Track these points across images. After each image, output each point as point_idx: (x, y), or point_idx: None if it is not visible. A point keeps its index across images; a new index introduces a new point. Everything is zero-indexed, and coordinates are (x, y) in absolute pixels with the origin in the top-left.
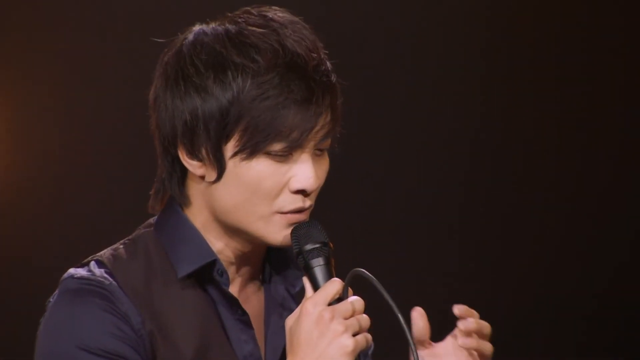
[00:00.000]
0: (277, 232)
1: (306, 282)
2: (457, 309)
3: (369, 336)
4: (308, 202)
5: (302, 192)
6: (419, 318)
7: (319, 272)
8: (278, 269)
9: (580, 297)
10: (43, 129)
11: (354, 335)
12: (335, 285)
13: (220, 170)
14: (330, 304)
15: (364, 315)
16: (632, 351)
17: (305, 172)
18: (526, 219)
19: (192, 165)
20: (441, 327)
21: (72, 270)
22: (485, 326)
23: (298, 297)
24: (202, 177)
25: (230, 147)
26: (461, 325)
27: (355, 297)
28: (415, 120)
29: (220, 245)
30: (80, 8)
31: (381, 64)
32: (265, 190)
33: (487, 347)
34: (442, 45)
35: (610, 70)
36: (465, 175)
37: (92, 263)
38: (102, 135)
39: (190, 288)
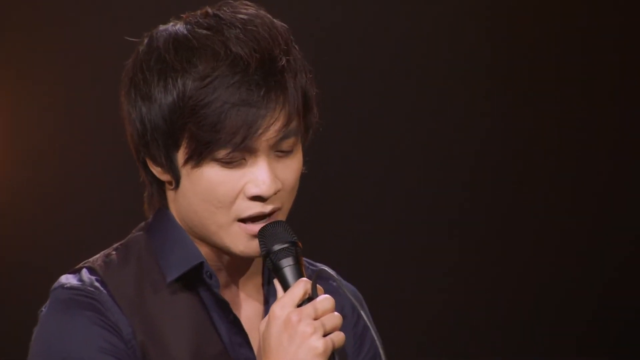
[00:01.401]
0: (240, 243)
1: (277, 284)
2: None
3: (341, 334)
4: (269, 207)
5: (259, 198)
6: None
7: (288, 272)
8: None
9: (580, 297)
10: (43, 129)
11: (325, 335)
12: (302, 285)
13: (176, 178)
14: (300, 305)
15: (335, 314)
16: (632, 351)
17: (259, 177)
18: (526, 219)
19: (157, 171)
20: (441, 327)
21: (63, 279)
22: None
23: None
24: (170, 183)
25: (181, 155)
26: None
27: (325, 296)
28: (415, 121)
29: (206, 249)
30: (80, 8)
31: (382, 64)
32: (219, 197)
33: None
34: (441, 45)
35: (610, 71)
36: (464, 176)
37: (84, 270)
38: (102, 136)
39: (182, 292)
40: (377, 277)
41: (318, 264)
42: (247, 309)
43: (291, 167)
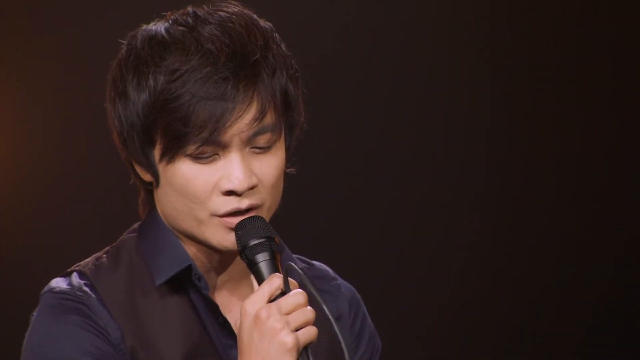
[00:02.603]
0: (220, 236)
1: (253, 280)
2: None
3: (313, 329)
4: (245, 202)
5: (234, 193)
6: None
7: (264, 267)
8: None
9: (580, 298)
10: (43, 130)
11: (296, 330)
12: (272, 281)
13: (156, 176)
14: (273, 301)
15: (307, 308)
16: (633, 353)
17: (232, 172)
18: (526, 219)
19: (139, 171)
20: (441, 327)
21: (53, 283)
22: None
23: None
24: (152, 183)
25: (157, 152)
26: None
27: (296, 291)
28: (416, 123)
29: (193, 251)
30: (80, 8)
31: (381, 64)
32: (194, 193)
33: None
34: (443, 45)
35: (610, 71)
36: (464, 177)
37: (74, 274)
38: (102, 137)
39: (172, 295)
40: (377, 277)
41: (314, 262)
42: (238, 310)
43: (270, 164)
